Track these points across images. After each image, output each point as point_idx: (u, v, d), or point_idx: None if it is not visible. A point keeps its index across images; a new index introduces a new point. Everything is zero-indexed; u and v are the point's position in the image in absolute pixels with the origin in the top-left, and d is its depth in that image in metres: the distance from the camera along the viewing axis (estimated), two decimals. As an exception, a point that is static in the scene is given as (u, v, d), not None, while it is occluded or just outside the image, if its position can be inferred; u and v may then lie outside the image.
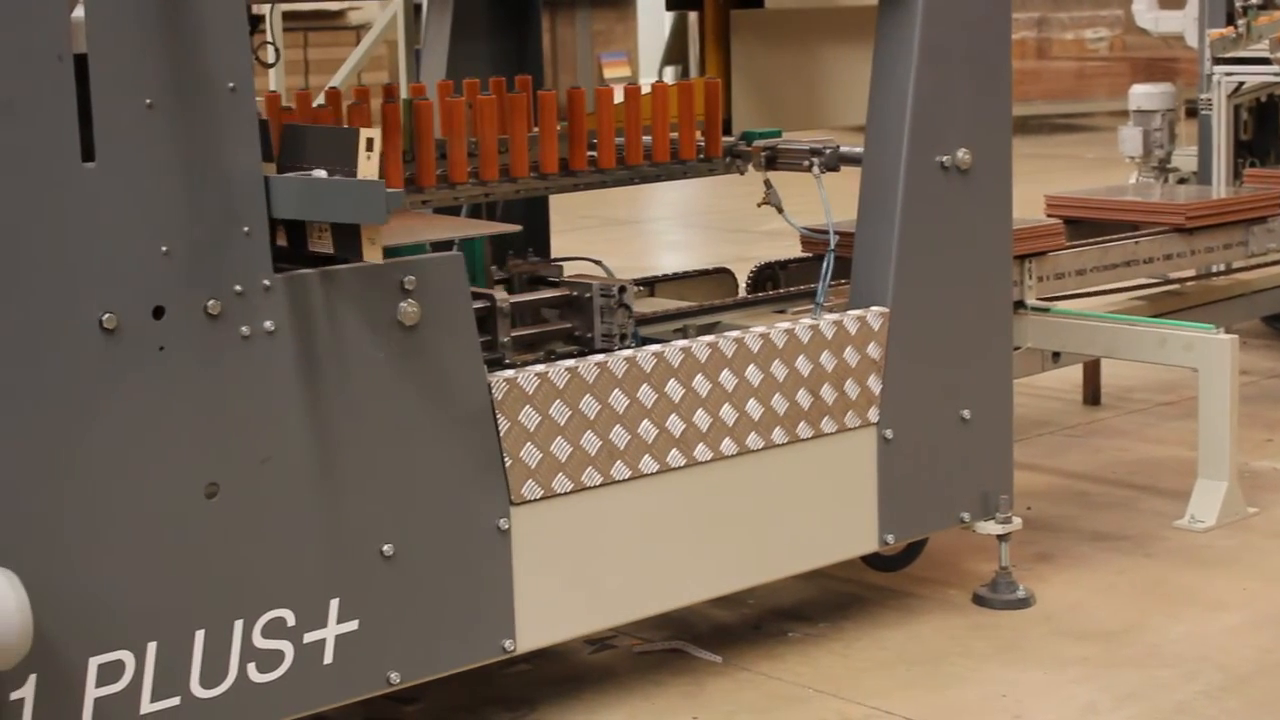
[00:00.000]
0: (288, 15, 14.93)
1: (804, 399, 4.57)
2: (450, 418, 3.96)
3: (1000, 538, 5.02)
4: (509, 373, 4.07)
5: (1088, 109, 20.43)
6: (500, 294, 4.31)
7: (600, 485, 4.21)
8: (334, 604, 3.83)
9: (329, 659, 3.84)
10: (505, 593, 4.08)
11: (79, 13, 3.43)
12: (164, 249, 3.54)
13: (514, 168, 4.65)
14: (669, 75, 6.78)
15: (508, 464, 4.05)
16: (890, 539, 4.82)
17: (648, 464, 4.29)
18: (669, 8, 5.80)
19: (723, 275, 5.71)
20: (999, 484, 5.00)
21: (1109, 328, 6.02)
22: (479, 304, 4.15)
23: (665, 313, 5.02)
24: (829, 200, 4.85)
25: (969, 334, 4.90)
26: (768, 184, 5.08)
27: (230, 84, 3.60)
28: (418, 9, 11.74)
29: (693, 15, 5.84)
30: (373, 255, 3.71)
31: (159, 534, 3.58)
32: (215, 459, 3.64)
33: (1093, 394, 7.47)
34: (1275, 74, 7.76)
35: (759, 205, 5.14)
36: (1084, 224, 6.72)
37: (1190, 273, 7.14)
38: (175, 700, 3.64)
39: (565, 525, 4.17)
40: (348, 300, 3.79)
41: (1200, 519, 5.73)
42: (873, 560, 5.16)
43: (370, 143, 3.66)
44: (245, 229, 3.64)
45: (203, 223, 3.59)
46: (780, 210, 5.04)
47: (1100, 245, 6.35)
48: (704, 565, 4.45)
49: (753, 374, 4.47)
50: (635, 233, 13.65)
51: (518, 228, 4.40)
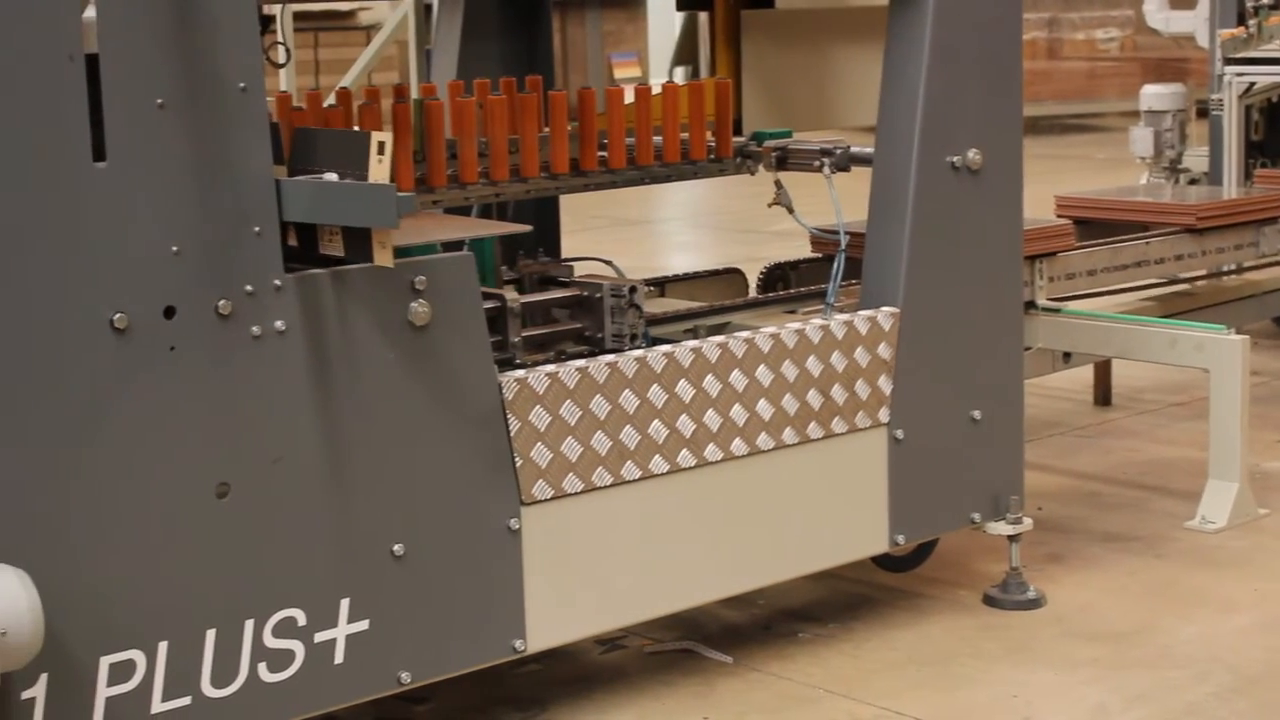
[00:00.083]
0: (298, 15, 14.96)
1: (814, 399, 4.56)
2: (461, 418, 3.96)
3: (1011, 538, 5.01)
4: (519, 373, 4.07)
5: (1098, 109, 20.42)
6: (511, 294, 4.32)
7: (611, 485, 4.21)
8: (345, 604, 3.83)
9: (340, 659, 3.84)
10: (516, 593, 4.08)
11: (90, 13, 3.44)
12: (175, 249, 3.55)
13: (524, 168, 4.65)
14: (679, 75, 6.79)
15: (518, 464, 4.05)
16: (901, 539, 4.82)
17: (658, 464, 4.29)
18: (679, 8, 5.80)
19: (733, 275, 5.71)
20: (1010, 484, 5.00)
21: (1120, 328, 6.02)
22: (489, 304, 4.15)
23: (676, 313, 5.02)
24: (839, 201, 4.85)
25: (980, 334, 4.89)
26: (778, 184, 5.08)
27: (241, 84, 3.60)
28: (428, 9, 11.78)
29: (703, 16, 5.83)
30: (384, 259, 3.72)
31: (170, 534, 3.59)
32: (226, 459, 3.65)
33: (1103, 395, 7.46)
34: (1287, 74, 7.77)
35: (769, 205, 5.13)
36: (1095, 224, 6.72)
37: (1201, 273, 7.13)
38: (186, 700, 3.64)
39: (576, 525, 4.17)
40: (358, 300, 3.80)
41: (1211, 520, 5.72)
42: (883, 561, 5.15)
43: (381, 146, 3.66)
44: (256, 229, 3.65)
45: (214, 222, 3.59)
46: (791, 210, 5.03)
47: (1111, 246, 6.34)
48: (714, 565, 4.45)
49: (763, 374, 4.46)
50: (646, 233, 13.64)
51: (528, 228, 4.40)
